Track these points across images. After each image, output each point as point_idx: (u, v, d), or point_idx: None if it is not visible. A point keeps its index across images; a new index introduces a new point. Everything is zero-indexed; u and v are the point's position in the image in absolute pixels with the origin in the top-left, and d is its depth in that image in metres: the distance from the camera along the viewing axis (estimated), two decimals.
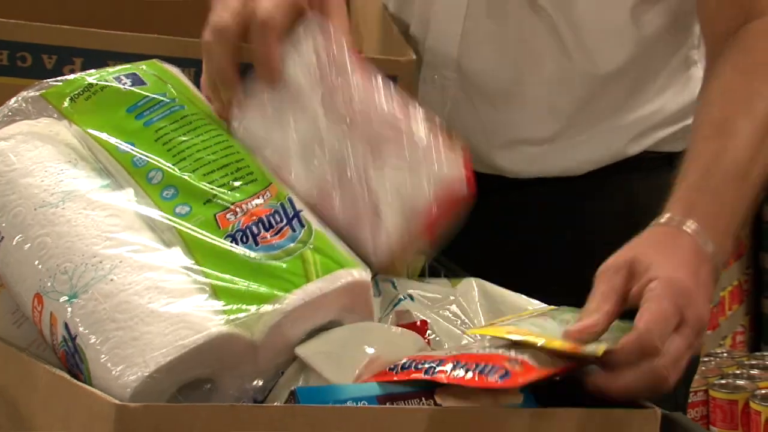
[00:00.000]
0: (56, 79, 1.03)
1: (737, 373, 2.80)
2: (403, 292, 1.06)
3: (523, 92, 1.30)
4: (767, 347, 3.44)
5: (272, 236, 0.93)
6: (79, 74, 1.03)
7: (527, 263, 1.27)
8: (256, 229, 0.93)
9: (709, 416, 2.72)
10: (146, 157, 0.97)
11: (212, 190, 0.95)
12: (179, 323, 0.86)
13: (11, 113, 1.01)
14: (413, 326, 1.01)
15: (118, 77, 1.02)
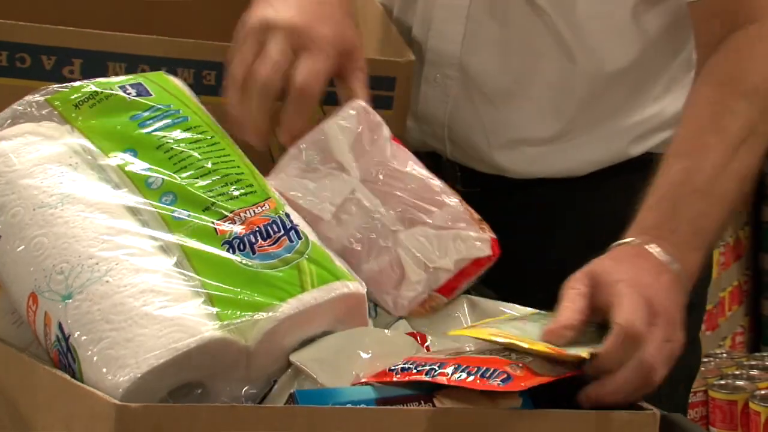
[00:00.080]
0: (62, 85, 1.03)
1: (737, 373, 2.80)
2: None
3: (524, 92, 1.30)
4: (767, 348, 3.45)
5: (269, 245, 0.94)
6: (85, 81, 1.03)
7: (527, 263, 1.26)
8: (253, 237, 0.94)
9: (708, 417, 2.72)
10: (147, 163, 0.97)
11: (211, 198, 0.95)
12: (173, 326, 0.86)
13: (16, 116, 1.01)
14: (413, 336, 1.01)
15: (123, 87, 1.03)
